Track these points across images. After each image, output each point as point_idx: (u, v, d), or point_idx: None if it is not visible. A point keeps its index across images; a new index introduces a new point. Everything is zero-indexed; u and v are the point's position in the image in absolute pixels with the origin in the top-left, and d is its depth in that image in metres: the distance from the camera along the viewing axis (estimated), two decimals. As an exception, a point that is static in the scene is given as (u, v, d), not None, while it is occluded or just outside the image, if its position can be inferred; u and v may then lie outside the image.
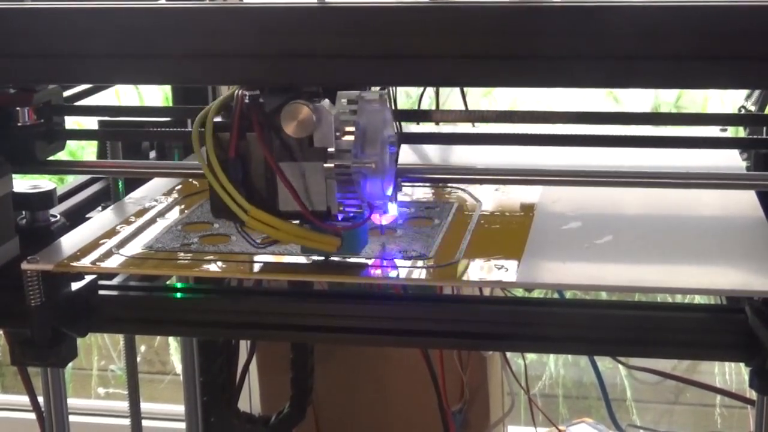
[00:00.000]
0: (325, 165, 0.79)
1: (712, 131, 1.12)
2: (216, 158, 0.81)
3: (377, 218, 0.85)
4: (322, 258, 0.85)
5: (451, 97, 1.49)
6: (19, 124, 0.96)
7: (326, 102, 0.80)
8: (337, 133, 0.79)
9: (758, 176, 0.97)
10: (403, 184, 0.90)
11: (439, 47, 0.78)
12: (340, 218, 0.82)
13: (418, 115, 1.13)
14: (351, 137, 0.79)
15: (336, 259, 0.85)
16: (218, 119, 0.81)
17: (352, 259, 0.85)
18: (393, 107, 0.87)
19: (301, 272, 0.86)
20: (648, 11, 0.75)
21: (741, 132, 1.12)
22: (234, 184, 0.81)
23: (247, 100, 0.80)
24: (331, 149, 0.79)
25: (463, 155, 1.15)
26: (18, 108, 0.96)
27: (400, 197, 0.91)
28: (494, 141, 0.99)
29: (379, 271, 0.84)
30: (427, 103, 1.68)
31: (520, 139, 0.95)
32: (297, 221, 0.83)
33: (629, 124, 1.10)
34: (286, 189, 0.81)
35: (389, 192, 0.84)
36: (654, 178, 0.90)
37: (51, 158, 0.99)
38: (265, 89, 0.81)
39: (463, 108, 1.27)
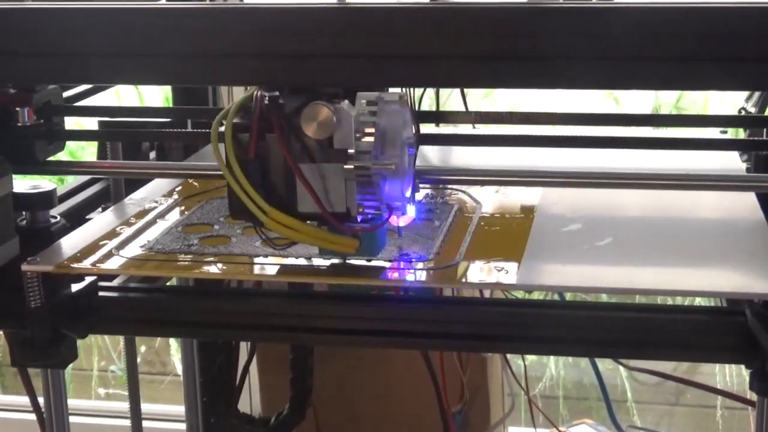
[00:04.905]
0: (346, 166, 0.78)
1: (712, 133, 1.12)
2: (235, 159, 0.80)
3: (395, 220, 0.84)
4: (339, 260, 0.84)
5: (451, 98, 1.49)
6: (19, 125, 0.96)
7: (346, 103, 0.79)
8: (357, 135, 0.78)
9: (758, 178, 0.97)
10: (420, 185, 0.88)
11: (443, 48, 0.78)
12: (359, 219, 0.81)
13: (437, 116, 1.11)
14: (371, 138, 0.78)
15: (353, 262, 0.84)
16: (237, 120, 0.80)
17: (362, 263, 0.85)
18: (412, 108, 0.85)
19: (301, 274, 0.86)
20: (648, 12, 0.75)
21: (741, 134, 1.12)
22: (253, 185, 0.80)
23: (266, 101, 0.79)
24: (351, 150, 0.78)
25: (462, 156, 1.14)
26: (18, 108, 0.95)
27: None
28: (507, 143, 0.97)
29: (396, 274, 0.84)
30: (427, 104, 1.68)
31: (532, 141, 0.95)
32: (315, 222, 0.82)
33: (629, 125, 1.10)
34: (306, 190, 0.80)
35: (408, 194, 0.82)
36: (653, 179, 0.90)
37: (51, 159, 0.99)
38: (284, 90, 0.80)
39: (463, 108, 1.26)
